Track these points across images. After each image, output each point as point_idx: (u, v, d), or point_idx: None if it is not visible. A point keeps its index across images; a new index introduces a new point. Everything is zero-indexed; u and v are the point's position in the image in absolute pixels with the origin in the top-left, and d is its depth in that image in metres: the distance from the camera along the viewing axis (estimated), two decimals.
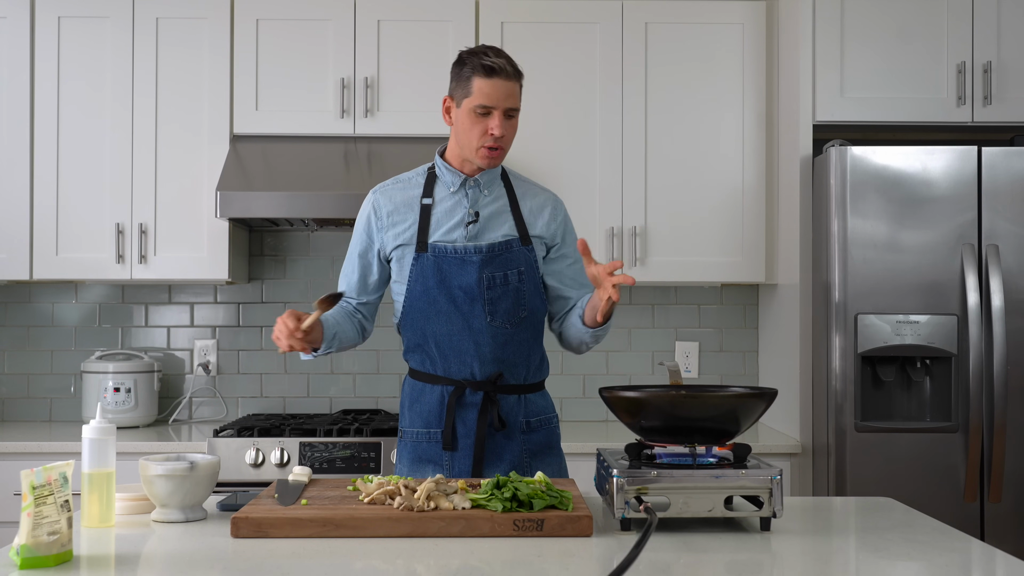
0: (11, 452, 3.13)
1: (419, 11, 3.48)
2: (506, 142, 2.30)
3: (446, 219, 2.33)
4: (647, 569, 1.53)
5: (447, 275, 2.29)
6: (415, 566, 1.55)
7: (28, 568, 1.51)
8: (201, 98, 3.45)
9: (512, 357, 2.32)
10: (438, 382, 2.33)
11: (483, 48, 2.29)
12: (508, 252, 2.32)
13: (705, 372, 3.83)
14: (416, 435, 2.35)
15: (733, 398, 1.85)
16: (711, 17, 3.51)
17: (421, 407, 2.35)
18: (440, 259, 2.30)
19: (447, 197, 2.35)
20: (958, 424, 2.98)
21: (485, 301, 2.29)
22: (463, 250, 2.30)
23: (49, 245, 3.42)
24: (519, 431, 2.34)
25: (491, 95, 2.25)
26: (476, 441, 2.29)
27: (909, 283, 3.00)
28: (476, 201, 2.35)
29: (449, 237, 2.32)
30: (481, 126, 2.27)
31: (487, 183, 2.36)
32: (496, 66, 2.24)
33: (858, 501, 2.12)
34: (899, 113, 3.20)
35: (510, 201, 2.38)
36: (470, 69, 2.27)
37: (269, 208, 3.24)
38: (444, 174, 2.37)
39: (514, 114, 2.29)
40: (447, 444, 2.30)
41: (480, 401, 2.30)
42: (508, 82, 2.26)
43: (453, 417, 2.30)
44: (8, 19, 3.43)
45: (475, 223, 2.33)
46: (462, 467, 2.30)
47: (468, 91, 2.27)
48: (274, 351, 3.78)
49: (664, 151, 3.49)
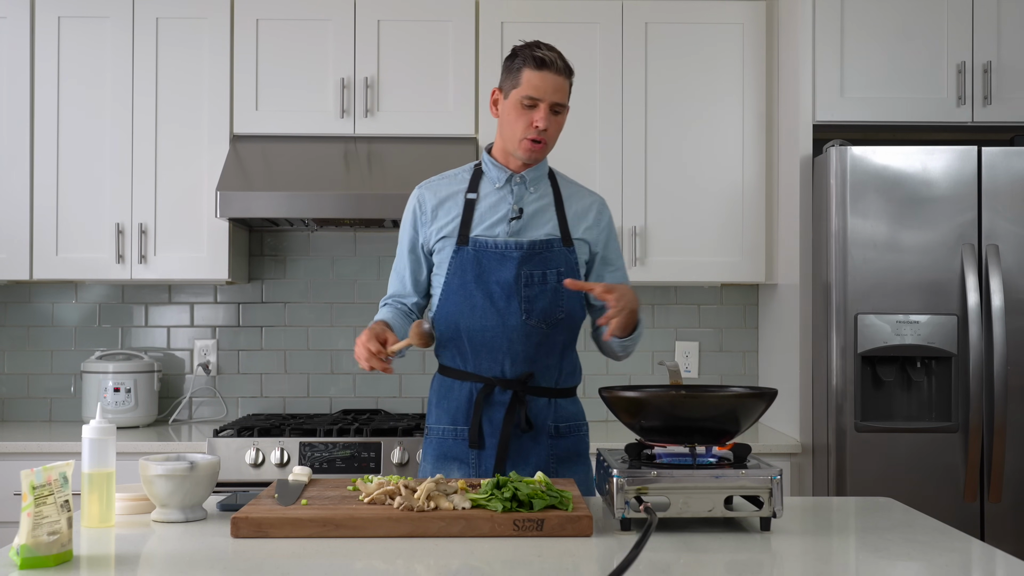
0: (11, 452, 3.13)
1: (419, 11, 3.48)
2: (550, 136, 2.29)
3: (490, 214, 2.32)
4: (647, 569, 1.53)
5: (485, 269, 2.27)
6: (415, 566, 1.55)
7: (28, 568, 1.51)
8: (201, 98, 3.45)
9: (545, 358, 2.29)
10: (467, 379, 2.31)
11: (536, 42, 2.29)
12: (548, 251, 2.30)
13: (705, 372, 3.83)
14: (442, 432, 2.33)
15: (733, 398, 1.85)
16: (711, 17, 3.51)
17: (449, 404, 2.33)
18: (480, 253, 2.28)
19: (492, 192, 2.34)
20: (958, 424, 2.98)
21: (522, 299, 2.27)
22: (503, 245, 2.28)
23: (49, 245, 3.42)
24: (547, 435, 2.31)
25: (539, 87, 2.24)
26: (501, 440, 2.27)
27: (909, 283, 3.00)
28: (521, 198, 2.33)
29: (491, 232, 2.30)
30: (526, 118, 2.26)
31: (533, 180, 2.35)
32: (547, 59, 2.24)
33: (858, 501, 2.12)
34: (899, 113, 3.20)
35: (555, 201, 2.36)
36: (521, 60, 2.26)
37: (269, 208, 3.24)
38: (490, 170, 2.36)
39: (561, 110, 2.28)
40: (473, 442, 2.27)
41: (508, 400, 2.28)
42: (558, 76, 2.25)
43: (480, 414, 2.28)
44: (8, 19, 3.43)
45: (518, 219, 2.31)
46: (488, 466, 2.28)
47: (517, 82, 2.26)
48: (274, 351, 3.79)
49: (664, 151, 3.49)
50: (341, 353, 3.79)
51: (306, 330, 3.80)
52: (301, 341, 3.79)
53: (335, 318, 3.80)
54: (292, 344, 3.79)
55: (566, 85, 2.28)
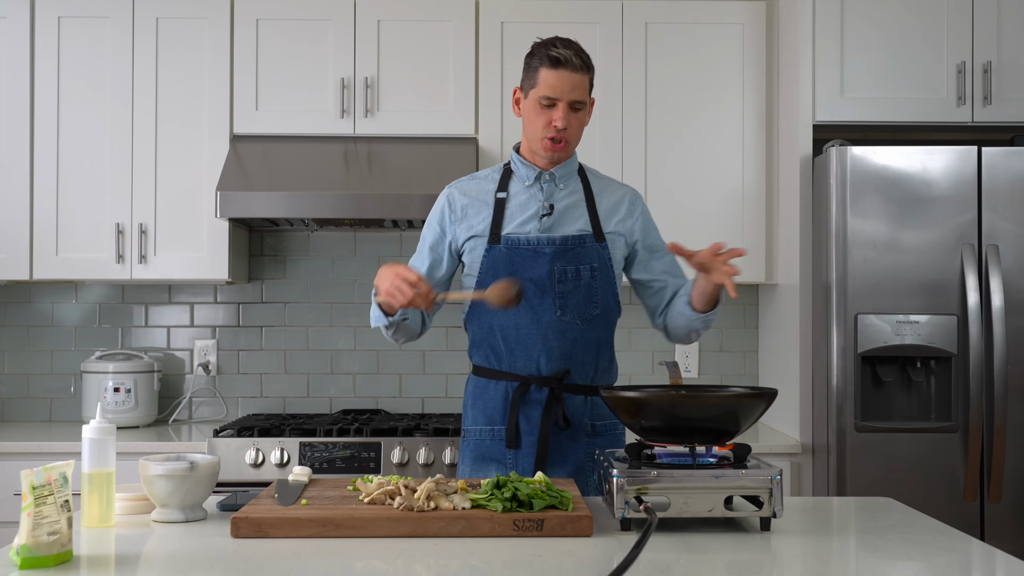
0: (11, 452, 3.13)
1: (419, 11, 3.48)
2: (571, 134, 2.28)
3: (520, 212, 2.31)
4: (647, 569, 1.53)
5: (518, 267, 2.26)
6: (415, 566, 1.55)
7: (28, 568, 1.51)
8: (201, 98, 3.45)
9: (580, 355, 2.28)
10: (503, 378, 2.30)
11: (554, 39, 2.27)
12: (581, 247, 2.29)
13: (705, 372, 3.83)
14: (479, 433, 2.32)
15: (733, 398, 1.85)
16: (711, 17, 3.51)
17: (484, 404, 2.32)
18: (512, 251, 2.27)
19: (522, 191, 2.34)
20: (958, 424, 2.98)
21: (556, 295, 2.26)
22: (536, 241, 2.28)
23: (49, 245, 3.42)
24: (584, 433, 2.30)
25: (556, 86, 2.23)
26: (540, 439, 2.25)
27: (909, 283, 3.00)
28: (551, 194, 2.33)
29: (523, 229, 2.30)
30: (545, 117, 2.26)
31: (563, 177, 2.34)
32: (562, 57, 2.22)
33: (858, 501, 2.12)
34: (899, 113, 3.20)
35: (586, 197, 2.35)
36: (538, 60, 2.25)
37: (269, 208, 3.24)
38: (519, 168, 2.35)
39: (580, 107, 2.27)
40: (510, 442, 2.26)
41: (545, 398, 2.27)
42: (575, 74, 2.23)
43: (517, 414, 2.26)
44: (8, 19, 3.43)
45: (550, 215, 2.30)
46: (526, 466, 2.26)
47: (535, 81, 2.26)
48: (274, 351, 3.78)
49: (664, 151, 3.49)
50: (341, 353, 3.79)
51: (306, 330, 3.80)
52: (301, 341, 3.79)
53: (335, 318, 3.80)
54: (292, 344, 3.79)
55: (585, 81, 2.25)
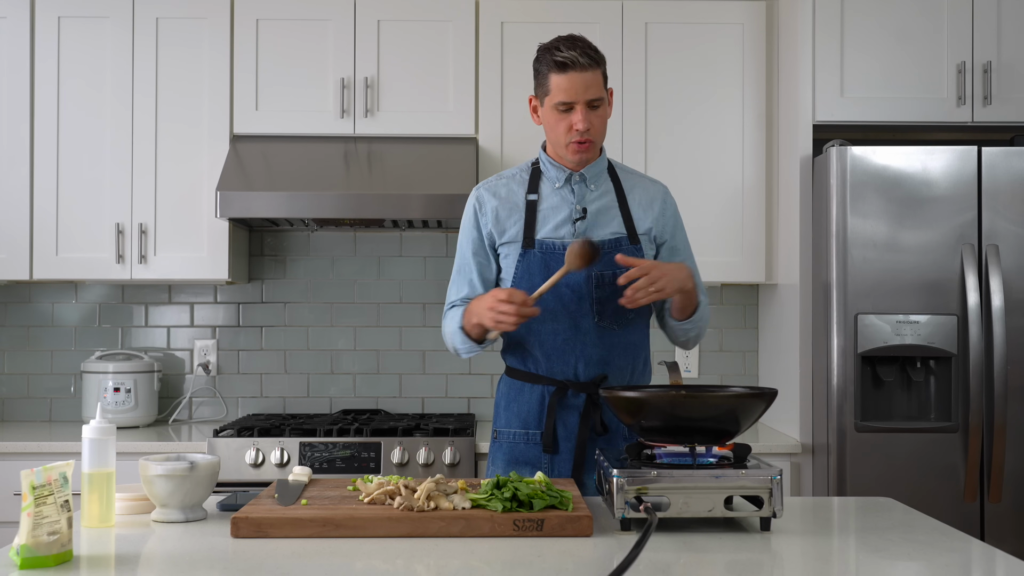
0: (11, 452, 3.13)
1: (419, 11, 3.48)
2: (595, 133, 2.24)
3: (553, 215, 2.28)
4: (647, 569, 1.53)
5: (553, 271, 2.21)
6: (415, 566, 1.55)
7: (28, 568, 1.51)
8: (201, 98, 3.45)
9: (617, 360, 2.27)
10: (539, 382, 2.27)
11: (556, 42, 2.22)
12: (617, 250, 2.26)
13: (705, 372, 3.83)
14: (513, 436, 2.30)
15: (733, 398, 1.84)
16: (711, 17, 3.51)
17: (519, 407, 2.29)
18: (548, 256, 2.24)
19: (552, 193, 2.30)
20: (958, 424, 2.98)
21: (593, 300, 2.24)
22: None
23: (49, 245, 3.42)
24: (621, 437, 2.29)
25: (569, 90, 2.19)
26: (577, 445, 2.24)
27: (909, 283, 3.00)
28: (583, 197, 2.30)
29: (557, 234, 2.26)
30: (565, 122, 2.22)
31: (593, 177, 2.31)
32: (569, 60, 2.18)
33: (858, 501, 2.12)
34: (899, 113, 3.20)
35: (617, 196, 2.32)
36: (545, 66, 2.22)
37: (269, 208, 3.24)
38: (548, 169, 2.32)
39: (599, 104, 2.23)
40: (548, 446, 2.25)
41: (582, 403, 2.25)
42: (585, 73, 2.19)
43: (554, 418, 2.25)
44: (8, 19, 3.43)
45: (583, 219, 2.27)
46: (562, 470, 2.25)
47: (547, 89, 2.22)
48: (274, 351, 3.78)
49: (664, 151, 3.49)
50: (341, 353, 3.79)
51: (306, 330, 3.80)
52: (301, 341, 3.79)
53: (335, 318, 3.80)
54: (292, 344, 3.79)
55: (597, 77, 2.21)
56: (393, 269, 3.80)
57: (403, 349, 3.79)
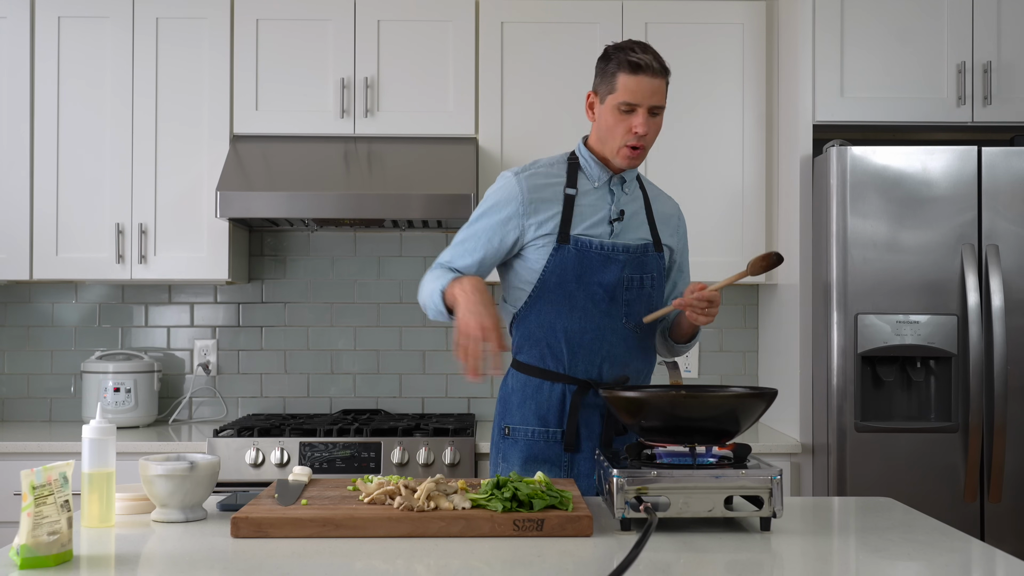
0: (11, 452, 3.13)
1: (419, 11, 3.48)
2: (648, 141, 2.24)
3: (590, 213, 2.26)
4: (647, 569, 1.53)
5: (587, 270, 2.22)
6: (415, 566, 1.55)
7: (28, 568, 1.51)
8: (201, 98, 3.45)
9: (637, 362, 2.28)
10: (560, 380, 2.26)
11: (629, 43, 2.23)
12: (645, 255, 2.28)
13: (705, 372, 3.83)
14: (531, 433, 2.27)
15: (733, 398, 1.85)
16: (711, 17, 3.51)
17: (537, 405, 2.27)
18: (583, 253, 2.23)
19: (591, 191, 2.29)
20: (958, 424, 2.98)
21: (623, 302, 2.25)
22: (610, 247, 2.24)
23: (49, 245, 3.42)
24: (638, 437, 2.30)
25: (636, 92, 2.18)
26: (603, 444, 2.24)
27: (909, 283, 3.00)
28: (619, 199, 2.30)
29: (593, 232, 2.25)
30: (625, 124, 2.21)
31: (628, 183, 2.33)
32: (643, 63, 2.18)
33: (858, 501, 2.12)
34: (899, 113, 3.20)
35: (645, 205, 2.34)
36: (615, 65, 2.21)
37: (269, 208, 3.24)
38: (591, 167, 2.30)
39: (658, 112, 2.23)
40: (570, 445, 2.24)
41: (603, 403, 2.25)
42: (655, 79, 2.19)
43: (577, 417, 2.24)
44: (8, 19, 3.43)
45: (620, 221, 2.28)
46: (581, 469, 2.25)
47: (613, 87, 2.21)
48: (274, 351, 3.78)
49: (664, 151, 3.49)
50: (341, 353, 3.79)
51: (306, 330, 3.80)
52: (301, 341, 3.79)
53: (335, 318, 3.80)
54: (292, 344, 3.79)
55: (663, 86, 2.22)
56: (393, 269, 3.80)
57: (403, 349, 3.79)
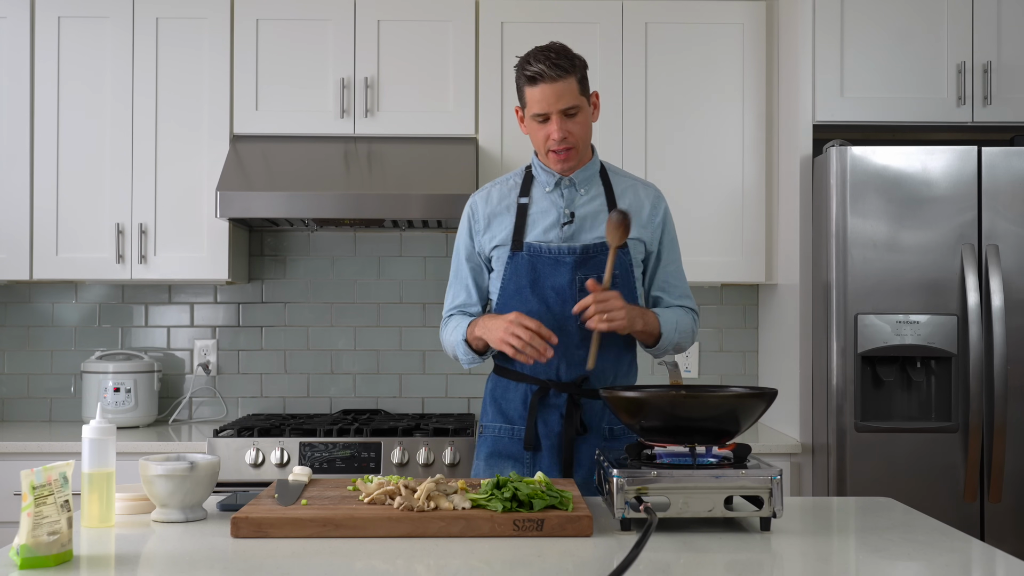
0: (11, 452, 3.13)
1: (419, 11, 3.48)
2: (574, 140, 2.27)
3: (542, 219, 2.32)
4: (647, 569, 1.53)
5: (540, 275, 2.28)
6: (415, 566, 1.55)
7: (28, 568, 1.51)
8: (201, 98, 3.45)
9: (600, 362, 2.27)
10: (523, 380, 2.32)
11: (528, 55, 2.26)
12: (602, 254, 2.28)
13: (705, 372, 3.83)
14: (497, 431, 2.35)
15: (733, 398, 1.85)
16: (711, 17, 3.51)
17: (505, 404, 2.35)
18: (535, 258, 2.29)
19: (543, 197, 2.34)
20: (958, 424, 2.98)
21: (577, 302, 2.24)
22: (557, 250, 2.29)
23: (49, 245, 3.42)
24: (602, 438, 2.31)
25: (541, 102, 2.23)
26: (564, 444, 2.27)
27: (909, 283, 3.00)
28: (572, 201, 2.33)
29: (545, 237, 2.31)
30: (544, 132, 2.27)
31: (583, 182, 2.34)
32: (537, 73, 2.22)
33: (858, 501, 2.12)
34: (899, 113, 3.20)
35: (607, 201, 2.35)
36: (519, 79, 2.27)
37: (269, 208, 3.24)
38: (540, 174, 2.36)
39: (575, 111, 2.25)
40: (529, 444, 2.29)
41: (564, 403, 2.29)
42: (556, 84, 2.21)
43: (535, 417, 2.29)
44: (8, 19, 3.43)
45: (570, 224, 2.31)
46: (541, 467, 2.29)
47: (524, 101, 2.28)
48: (274, 351, 3.78)
49: (664, 151, 3.49)
50: (341, 353, 3.79)
51: (306, 330, 3.80)
52: (301, 341, 3.79)
53: (335, 318, 3.80)
54: (292, 344, 3.79)
55: (570, 85, 2.23)
56: (393, 269, 3.80)
57: (403, 349, 3.79)
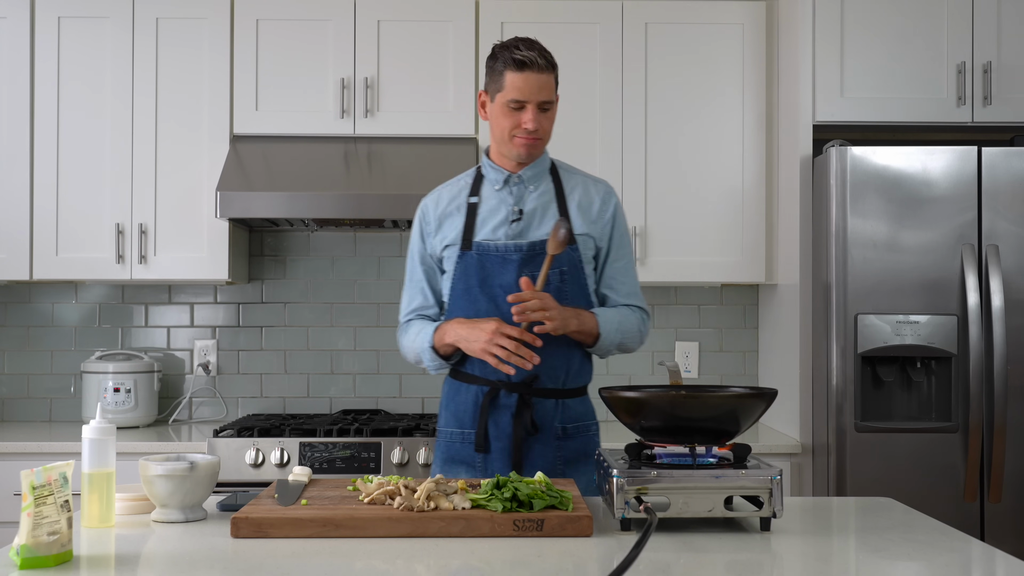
0: (11, 452, 3.13)
1: (419, 11, 3.48)
2: (544, 133, 2.28)
3: (491, 217, 2.31)
4: (647, 569, 1.53)
5: (489, 273, 2.27)
6: (415, 566, 1.55)
7: (28, 568, 1.51)
8: (201, 98, 3.45)
9: (550, 359, 2.27)
10: (474, 382, 2.31)
11: (515, 41, 2.27)
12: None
13: (705, 372, 3.83)
14: (450, 435, 2.34)
15: (733, 398, 1.85)
16: (711, 17, 3.51)
17: (456, 407, 2.33)
18: (483, 257, 2.28)
19: (492, 195, 2.33)
20: (958, 424, 2.98)
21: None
22: (504, 248, 2.27)
23: (49, 245, 3.42)
24: (554, 437, 2.30)
25: (523, 89, 2.23)
26: (513, 445, 2.26)
27: (909, 283, 3.00)
28: (520, 198, 2.32)
29: (494, 235, 2.30)
30: (514, 120, 2.26)
31: (532, 178, 2.33)
32: (527, 59, 2.22)
33: (858, 501, 2.12)
34: (899, 113, 3.20)
35: (557, 196, 2.34)
36: (502, 63, 2.25)
37: (269, 208, 3.24)
38: (489, 172, 2.35)
39: (549, 107, 2.27)
40: (479, 446, 2.27)
41: (514, 403, 2.27)
42: (541, 75, 2.23)
43: (486, 418, 2.27)
44: (8, 19, 3.43)
45: (519, 221, 2.30)
46: (494, 469, 2.27)
47: (500, 85, 2.26)
48: (274, 351, 3.78)
49: (664, 151, 3.49)
50: (341, 353, 3.79)
51: (306, 330, 3.80)
52: (301, 341, 3.79)
53: (335, 318, 3.80)
54: (292, 344, 3.79)
55: (551, 81, 2.26)
56: (393, 269, 3.80)
57: None
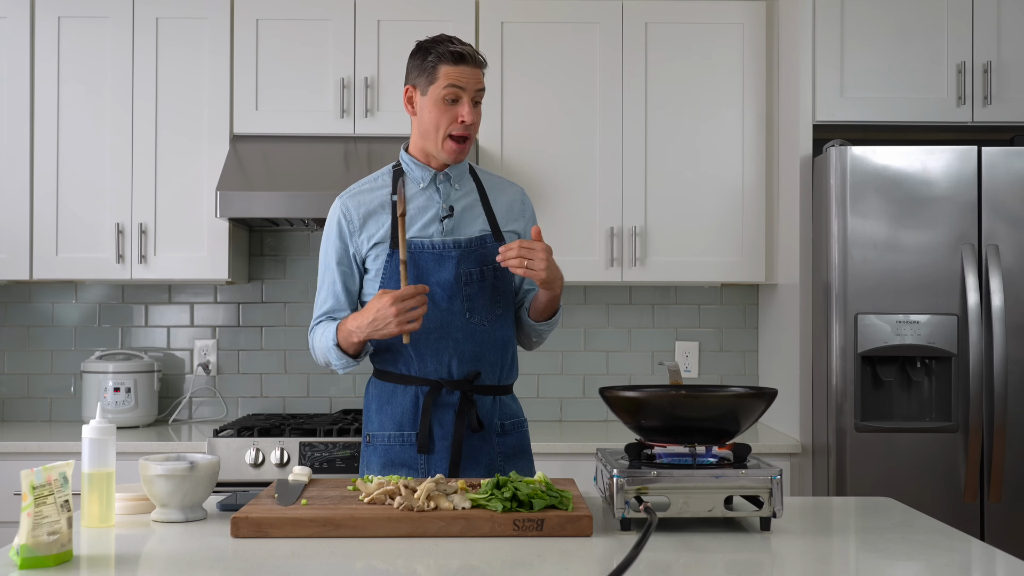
0: (11, 452, 3.13)
1: (419, 11, 3.48)
2: (474, 131, 2.28)
3: (420, 215, 2.29)
4: (647, 569, 1.53)
5: (424, 271, 2.25)
6: (415, 566, 1.55)
7: (28, 568, 1.51)
8: (201, 98, 3.45)
9: (490, 355, 2.28)
10: (412, 382, 2.28)
11: (444, 37, 2.27)
12: (483, 248, 2.29)
13: (705, 372, 3.83)
14: (388, 439, 2.29)
15: (733, 398, 1.85)
16: (711, 17, 3.51)
17: (392, 409, 2.29)
18: (417, 255, 2.26)
19: (418, 193, 2.31)
20: (958, 424, 2.98)
21: (464, 297, 2.26)
22: (441, 245, 2.27)
23: (49, 245, 3.42)
24: (495, 433, 2.30)
25: (461, 79, 2.22)
26: (454, 443, 2.24)
27: (909, 283, 3.00)
28: (448, 195, 2.32)
29: (425, 233, 2.28)
30: (450, 114, 2.24)
31: (457, 177, 2.34)
32: (465, 52, 2.23)
33: (858, 501, 2.12)
34: (899, 113, 3.20)
35: (480, 196, 2.35)
36: (436, 57, 2.23)
37: (269, 208, 3.24)
38: (412, 170, 2.33)
39: (480, 99, 2.27)
40: (423, 447, 2.25)
41: (457, 401, 2.26)
42: (475, 69, 2.25)
43: (430, 419, 2.25)
44: (8, 19, 3.43)
45: (450, 217, 2.30)
46: (438, 470, 2.25)
47: (435, 78, 2.23)
48: (274, 351, 3.78)
49: (664, 151, 3.49)
50: None
51: (306, 330, 3.79)
52: (301, 341, 3.79)
53: None
54: (292, 344, 3.79)
55: (482, 76, 2.27)
56: None
57: None
